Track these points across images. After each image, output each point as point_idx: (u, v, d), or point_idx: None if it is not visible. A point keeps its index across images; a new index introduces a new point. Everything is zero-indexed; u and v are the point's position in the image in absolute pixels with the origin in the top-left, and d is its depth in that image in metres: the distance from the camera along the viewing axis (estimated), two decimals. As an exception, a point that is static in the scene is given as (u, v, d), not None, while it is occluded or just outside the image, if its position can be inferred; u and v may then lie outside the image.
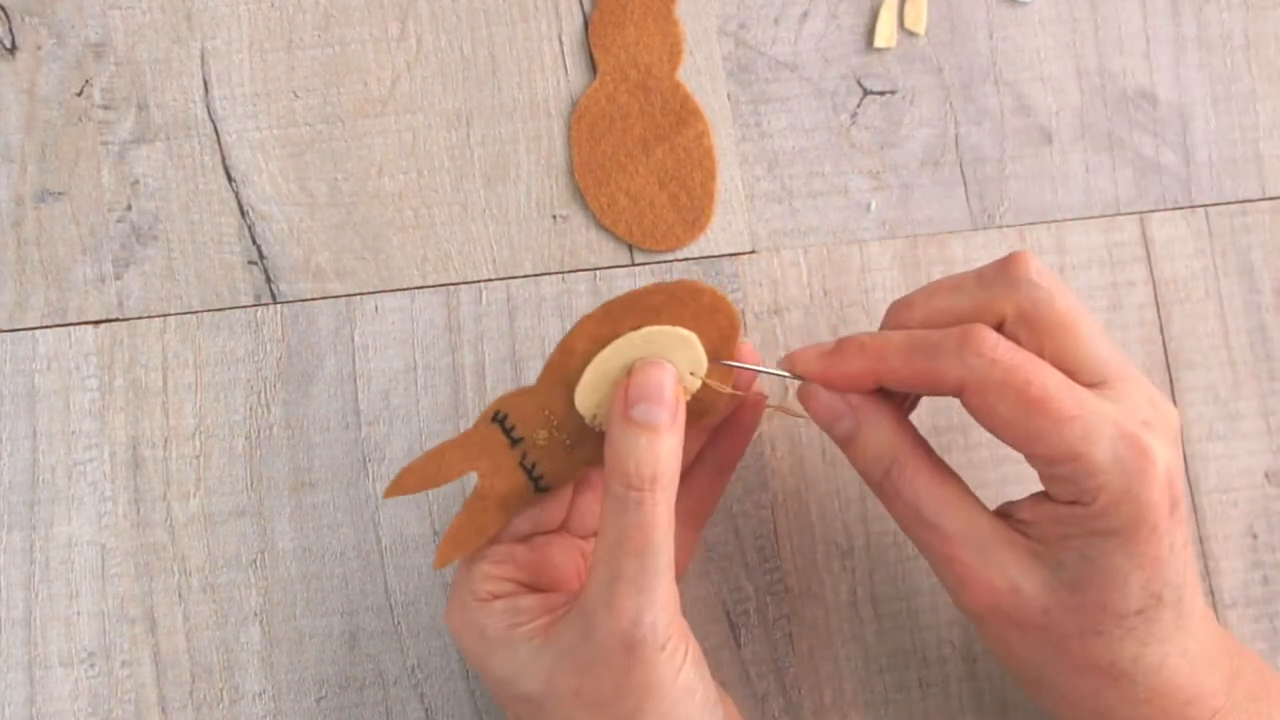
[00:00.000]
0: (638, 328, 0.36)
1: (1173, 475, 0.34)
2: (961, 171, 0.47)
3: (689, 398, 0.36)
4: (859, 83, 0.47)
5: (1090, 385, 0.35)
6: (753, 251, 0.46)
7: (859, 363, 0.36)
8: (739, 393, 0.37)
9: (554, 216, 0.46)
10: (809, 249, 0.46)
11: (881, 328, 0.38)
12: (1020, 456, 0.36)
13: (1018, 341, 0.35)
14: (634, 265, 0.46)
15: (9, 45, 0.46)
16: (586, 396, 0.36)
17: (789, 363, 0.38)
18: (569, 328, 0.36)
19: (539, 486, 0.37)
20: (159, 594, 0.44)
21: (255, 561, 0.44)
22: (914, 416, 0.39)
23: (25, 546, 0.44)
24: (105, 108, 0.46)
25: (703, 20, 0.47)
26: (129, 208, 0.46)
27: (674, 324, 0.36)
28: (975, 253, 0.47)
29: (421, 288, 0.46)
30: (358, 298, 0.46)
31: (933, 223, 0.47)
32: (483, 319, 0.46)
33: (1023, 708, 0.45)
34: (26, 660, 0.44)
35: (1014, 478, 0.45)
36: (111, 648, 0.44)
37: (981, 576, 0.35)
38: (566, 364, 0.36)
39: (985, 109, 0.47)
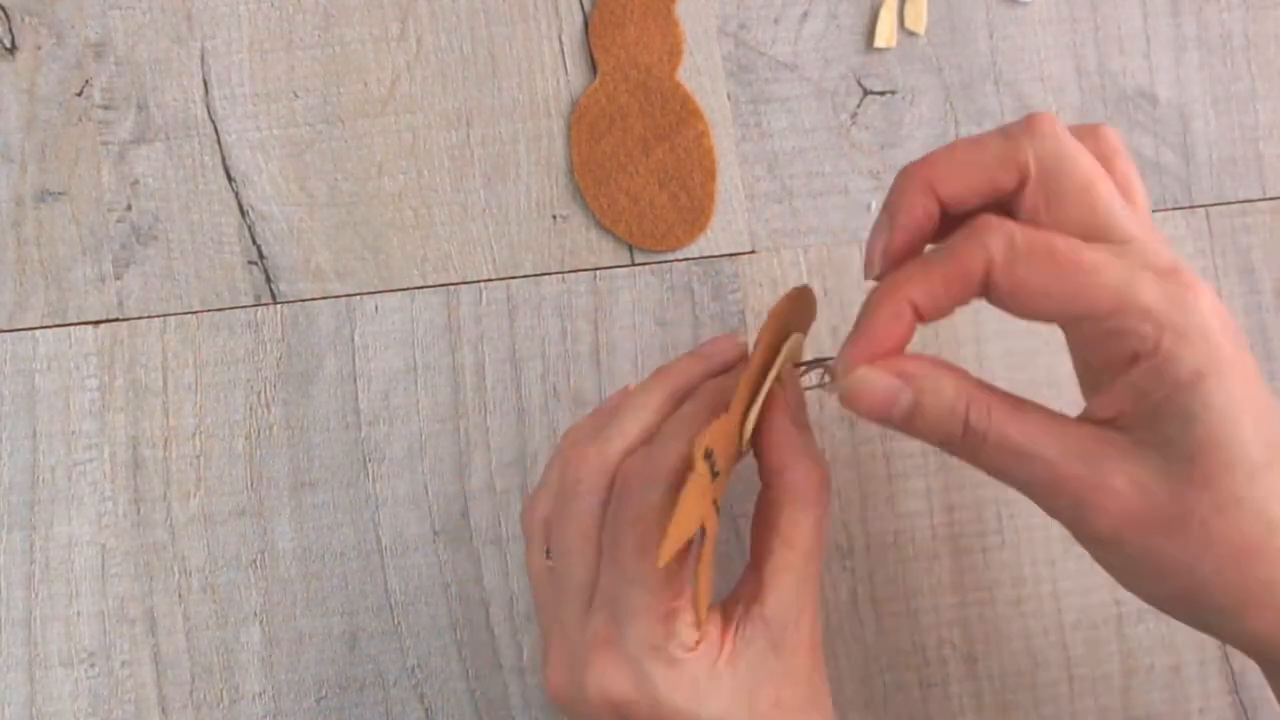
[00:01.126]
0: (786, 339, 0.37)
1: (1219, 311, 0.31)
2: (961, 171, 0.47)
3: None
4: (859, 83, 0.47)
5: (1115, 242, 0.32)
6: (753, 251, 0.46)
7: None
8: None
9: (554, 216, 0.46)
10: (809, 249, 0.46)
11: (900, 189, 0.35)
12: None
13: (1036, 210, 0.33)
14: (634, 265, 0.46)
15: (9, 45, 0.46)
16: (751, 419, 0.36)
17: (846, 364, 0.35)
18: (569, 327, 0.36)
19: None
20: (159, 594, 0.44)
21: (255, 561, 0.44)
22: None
23: (25, 546, 0.44)
24: (105, 108, 0.46)
25: (703, 20, 0.47)
26: (129, 208, 0.46)
27: (800, 326, 0.37)
28: (975, 253, 0.47)
29: (421, 288, 0.46)
30: (358, 298, 0.46)
31: (933, 223, 0.47)
32: (483, 319, 0.46)
33: (1023, 708, 0.45)
34: (26, 660, 0.44)
35: (1014, 478, 0.45)
36: (111, 648, 0.44)
37: (1099, 485, 0.32)
38: (758, 385, 0.36)
39: (985, 109, 0.47)
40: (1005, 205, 0.34)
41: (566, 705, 0.36)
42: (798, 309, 0.37)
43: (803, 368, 0.38)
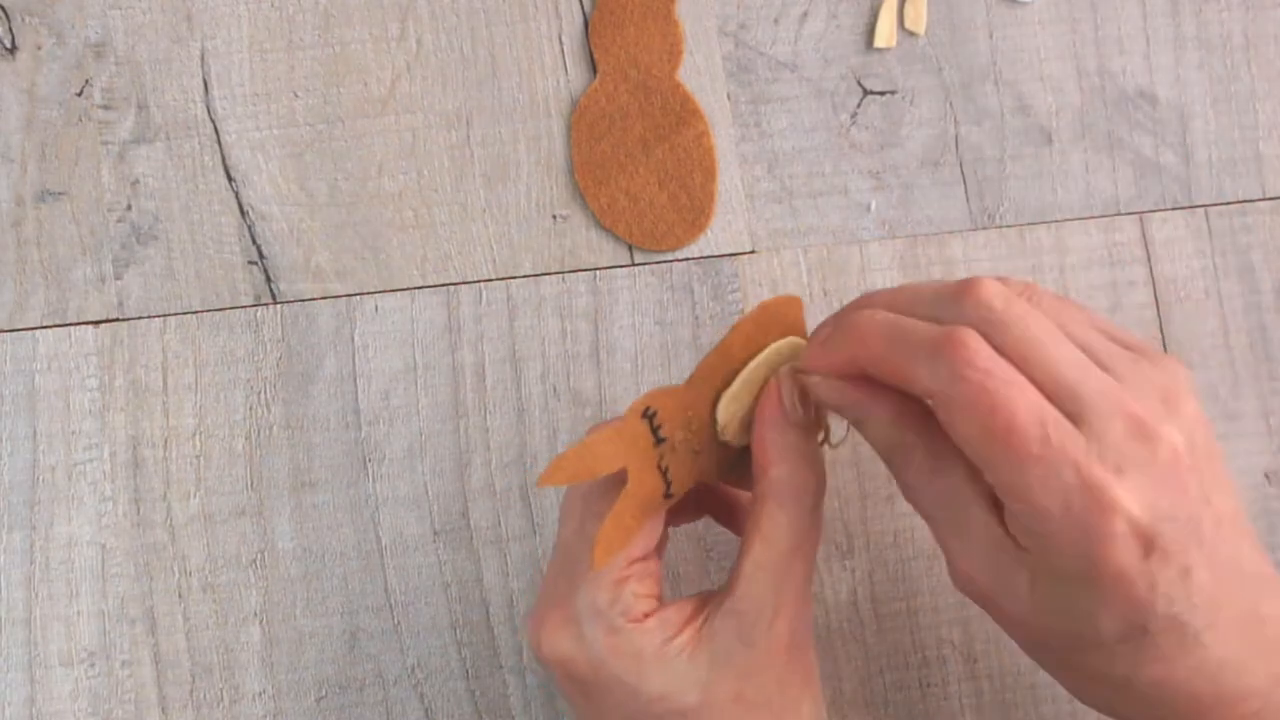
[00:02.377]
0: (781, 337, 0.37)
1: (1145, 518, 0.30)
2: (961, 171, 0.47)
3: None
4: (859, 83, 0.47)
5: (1068, 414, 0.31)
6: (753, 251, 0.46)
7: (846, 354, 0.35)
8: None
9: (554, 216, 0.46)
10: (809, 249, 0.46)
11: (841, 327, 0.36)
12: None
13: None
14: (634, 265, 0.46)
15: (9, 45, 0.46)
16: (728, 405, 0.36)
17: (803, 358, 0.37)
18: (569, 327, 0.36)
19: (667, 493, 0.36)
20: (159, 594, 0.44)
21: (255, 561, 0.44)
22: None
23: (25, 546, 0.44)
24: (105, 108, 0.46)
25: (703, 20, 0.47)
26: (129, 208, 0.46)
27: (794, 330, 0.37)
28: (975, 253, 0.47)
29: (421, 288, 0.46)
30: (358, 298, 0.46)
31: (933, 223, 0.47)
32: (483, 319, 0.46)
33: (1023, 708, 0.45)
34: (26, 660, 0.44)
35: (1014, 478, 0.45)
36: (111, 648, 0.44)
37: (969, 569, 0.34)
38: (722, 367, 0.36)
39: (985, 109, 0.47)
40: None
41: (537, 658, 0.38)
42: (788, 313, 0.37)
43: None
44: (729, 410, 0.36)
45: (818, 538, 0.36)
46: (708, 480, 0.37)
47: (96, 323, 0.45)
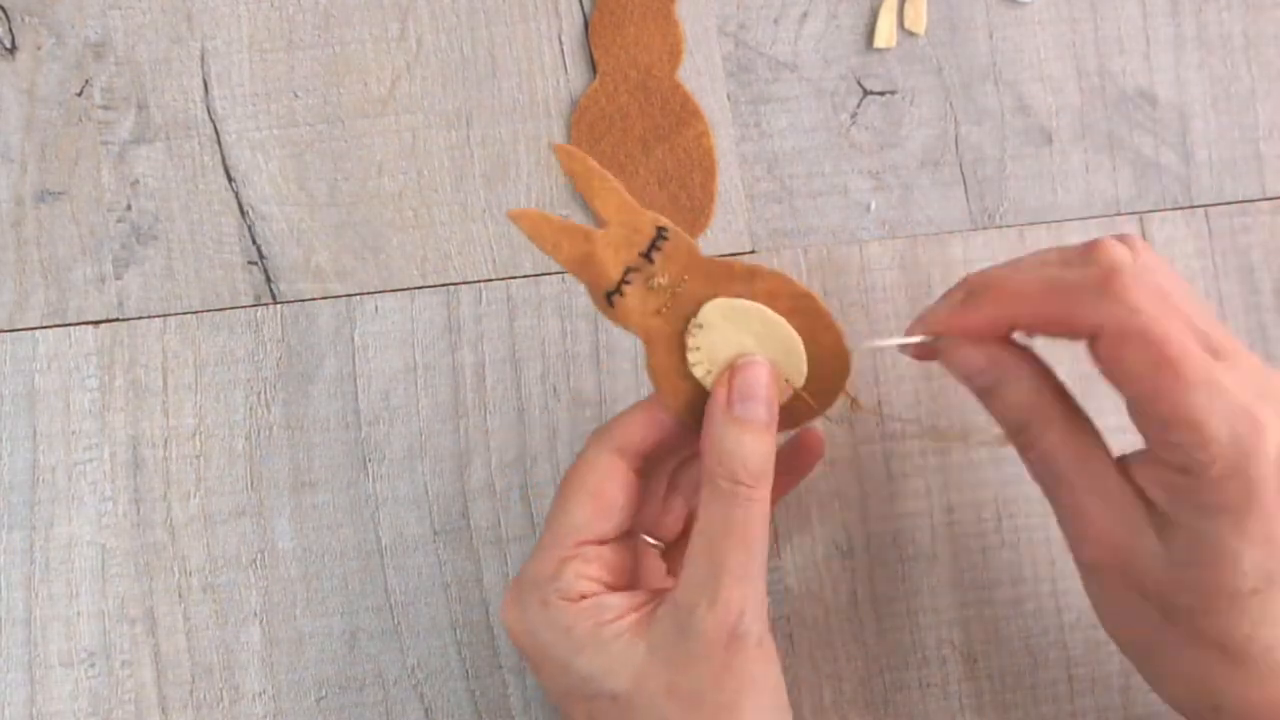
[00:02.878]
0: (762, 298, 0.37)
1: None
2: (961, 171, 0.47)
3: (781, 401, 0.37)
4: (859, 83, 0.47)
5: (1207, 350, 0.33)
6: (753, 251, 0.46)
7: (991, 311, 0.36)
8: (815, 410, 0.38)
9: (554, 216, 0.46)
10: (809, 249, 0.46)
11: (964, 304, 0.37)
12: (1017, 455, 0.36)
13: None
14: (634, 265, 0.46)
15: (9, 45, 0.46)
16: (706, 334, 0.36)
17: (921, 325, 0.37)
18: (569, 327, 0.36)
19: (612, 293, 0.36)
20: (159, 594, 0.44)
21: (255, 561, 0.44)
22: (917, 417, 0.39)
23: (25, 546, 0.44)
24: (105, 108, 0.46)
25: (703, 20, 0.47)
26: (129, 208, 0.46)
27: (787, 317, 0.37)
28: (975, 253, 0.47)
29: (421, 288, 0.46)
30: (358, 298, 0.46)
31: (933, 223, 0.47)
32: (483, 319, 0.46)
33: (1023, 708, 0.45)
34: (26, 660, 0.44)
35: (1014, 478, 0.45)
36: (111, 648, 0.44)
37: (1104, 532, 0.34)
38: (742, 287, 0.36)
39: (985, 109, 0.47)
40: None
41: None
42: (806, 320, 0.37)
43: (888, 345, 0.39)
44: (706, 339, 0.36)
45: (758, 530, 0.35)
46: (645, 339, 0.37)
47: (96, 323, 0.45)
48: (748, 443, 0.35)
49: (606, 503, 0.37)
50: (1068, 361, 0.36)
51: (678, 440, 0.38)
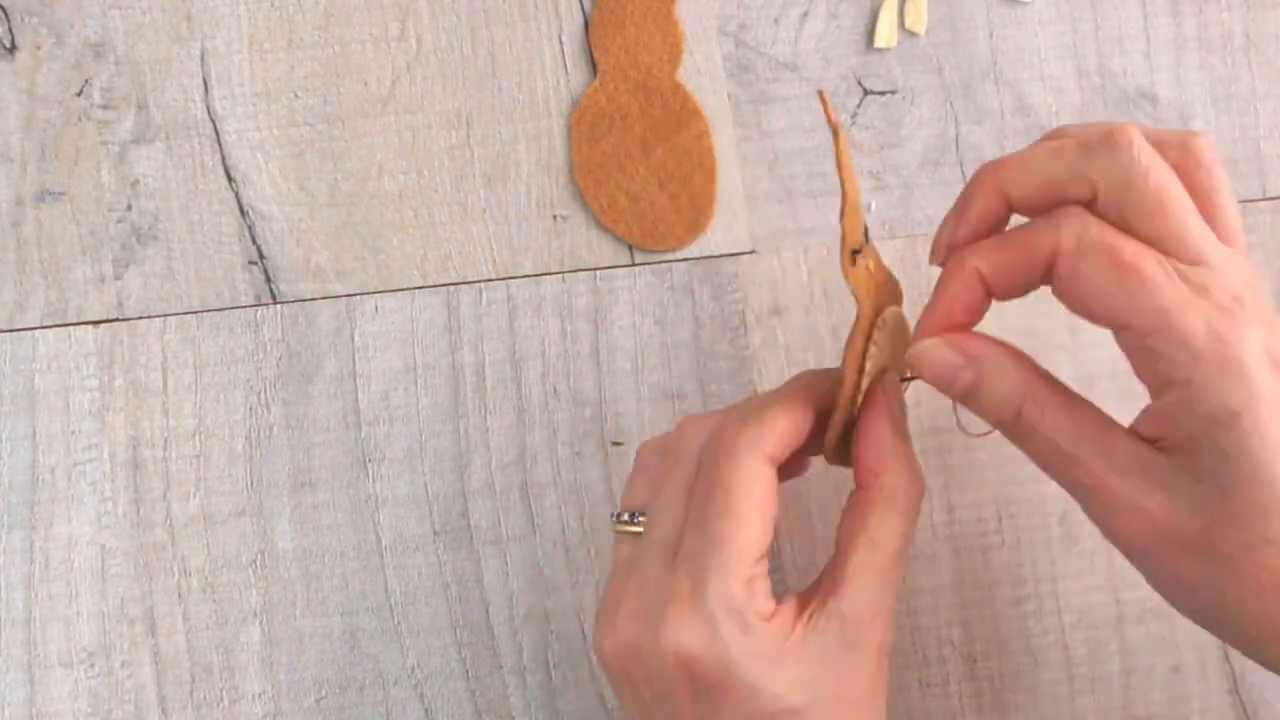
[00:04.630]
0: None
1: (1272, 348, 0.32)
2: (961, 171, 0.47)
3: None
4: (859, 83, 0.47)
5: (1189, 261, 0.33)
6: (753, 252, 0.46)
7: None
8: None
9: (554, 216, 0.46)
10: (809, 249, 0.46)
11: (972, 188, 0.37)
12: (1021, 457, 0.36)
13: (1106, 222, 0.34)
14: (634, 265, 0.46)
15: (9, 45, 0.46)
16: (882, 335, 0.37)
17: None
18: (569, 327, 0.36)
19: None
20: (159, 594, 0.44)
21: (255, 561, 0.44)
22: (917, 417, 0.39)
23: (25, 546, 0.44)
24: (105, 108, 0.46)
25: (703, 20, 0.47)
26: (129, 208, 0.46)
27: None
28: (975, 253, 0.47)
29: (421, 288, 0.46)
30: (358, 298, 0.46)
31: (933, 223, 0.47)
32: (483, 319, 0.46)
33: (1023, 708, 0.45)
34: (26, 660, 0.44)
35: (1014, 478, 0.45)
36: (111, 648, 0.44)
37: (1133, 502, 0.33)
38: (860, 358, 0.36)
39: (985, 109, 0.47)
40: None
41: (629, 659, 0.36)
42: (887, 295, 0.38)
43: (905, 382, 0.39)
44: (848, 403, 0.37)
45: (909, 549, 0.36)
46: (862, 308, 0.36)
47: (96, 323, 0.45)
48: (914, 453, 0.36)
49: (770, 513, 0.35)
50: (1067, 365, 0.36)
51: (809, 443, 0.37)
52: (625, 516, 0.38)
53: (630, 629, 0.35)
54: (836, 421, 0.36)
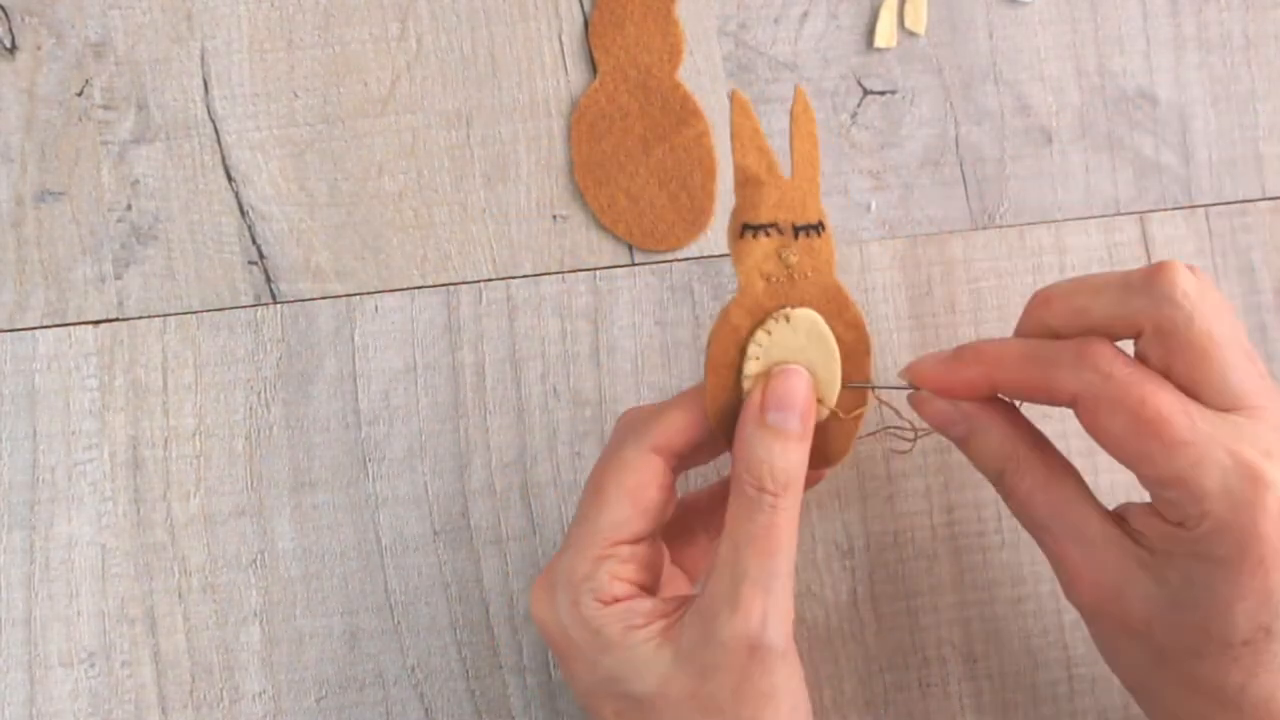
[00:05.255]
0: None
1: None
2: (961, 171, 0.47)
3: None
4: (859, 83, 0.47)
5: (1220, 409, 0.34)
6: (753, 251, 0.46)
7: (975, 370, 0.36)
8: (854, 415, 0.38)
9: (554, 216, 0.46)
10: (809, 249, 0.46)
11: (1023, 318, 0.38)
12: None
13: (1147, 359, 0.34)
14: (634, 265, 0.46)
15: (9, 45, 0.46)
16: (780, 335, 0.37)
17: (909, 373, 0.38)
18: (569, 327, 0.36)
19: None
20: (159, 594, 0.44)
21: (255, 561, 0.44)
22: (914, 416, 0.39)
23: (25, 546, 0.44)
24: (105, 108, 0.46)
25: (703, 20, 0.47)
26: (129, 208, 0.46)
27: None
28: (975, 252, 0.47)
29: (421, 288, 0.46)
30: (358, 298, 0.46)
31: (933, 223, 0.47)
32: (483, 319, 0.46)
33: (1023, 708, 0.45)
34: (26, 660, 0.44)
35: (1014, 478, 0.45)
36: (111, 648, 0.44)
37: (1089, 576, 0.35)
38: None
39: (985, 109, 0.47)
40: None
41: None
42: (838, 321, 0.38)
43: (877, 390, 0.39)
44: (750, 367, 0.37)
45: (783, 539, 0.35)
46: (739, 291, 0.37)
47: (96, 323, 0.45)
48: (778, 451, 0.35)
49: (644, 503, 0.36)
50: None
51: (714, 441, 0.38)
52: None
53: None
54: (712, 414, 0.37)
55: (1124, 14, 0.48)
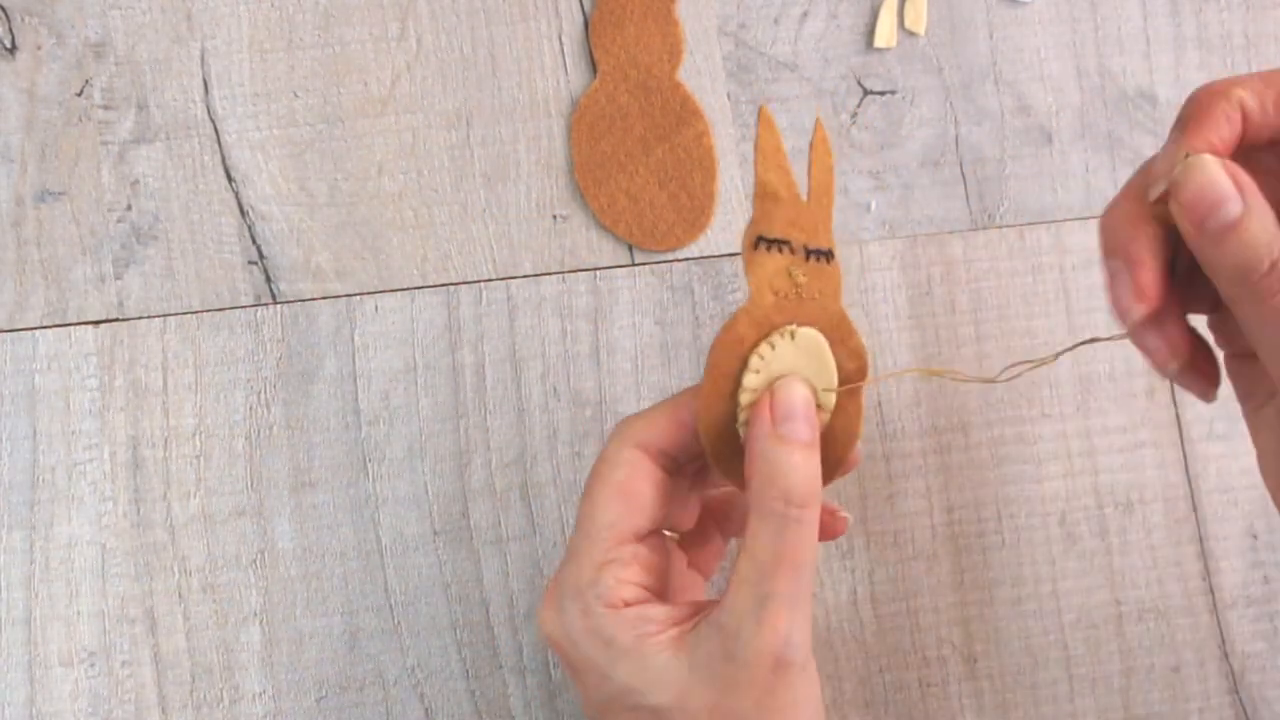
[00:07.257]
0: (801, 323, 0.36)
1: None
2: (961, 171, 0.47)
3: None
4: (859, 83, 0.47)
5: None
6: (753, 251, 0.46)
7: (1229, 129, 0.33)
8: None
9: (554, 216, 0.46)
10: (809, 249, 0.46)
11: (1195, 112, 0.34)
12: (1021, 457, 0.35)
13: None
14: (634, 265, 0.46)
15: (9, 45, 0.46)
16: (783, 351, 0.36)
17: (1189, 147, 0.33)
18: (569, 327, 0.36)
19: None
20: (159, 594, 0.44)
21: (255, 561, 0.44)
22: (917, 417, 0.39)
23: (25, 546, 0.44)
24: (105, 108, 0.46)
25: (703, 20, 0.47)
26: (129, 208, 0.46)
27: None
28: (975, 253, 0.47)
29: (421, 288, 0.46)
30: (358, 298, 0.46)
31: (933, 222, 0.47)
32: (483, 319, 0.46)
33: (1023, 708, 0.45)
34: (26, 660, 0.44)
35: (1014, 478, 0.45)
36: (111, 648, 0.44)
37: None
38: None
39: (985, 109, 0.47)
40: None
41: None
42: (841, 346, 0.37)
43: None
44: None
45: (808, 554, 0.34)
46: (749, 301, 0.36)
47: (96, 323, 0.45)
48: (798, 462, 0.34)
49: (634, 498, 0.36)
50: (1066, 364, 0.36)
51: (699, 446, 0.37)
52: None
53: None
54: (702, 420, 0.36)
55: (1124, 14, 0.48)
